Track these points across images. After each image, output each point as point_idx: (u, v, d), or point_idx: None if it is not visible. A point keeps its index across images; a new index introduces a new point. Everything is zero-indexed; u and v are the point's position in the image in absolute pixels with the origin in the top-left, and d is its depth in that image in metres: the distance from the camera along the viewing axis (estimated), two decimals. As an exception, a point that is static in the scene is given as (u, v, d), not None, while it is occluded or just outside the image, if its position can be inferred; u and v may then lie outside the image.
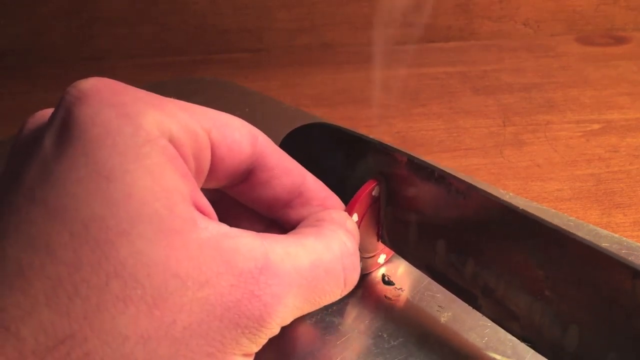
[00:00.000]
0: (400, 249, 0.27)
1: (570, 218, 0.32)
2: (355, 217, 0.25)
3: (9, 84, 0.60)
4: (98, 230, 0.15)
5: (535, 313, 0.21)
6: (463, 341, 0.24)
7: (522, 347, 0.24)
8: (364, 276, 0.28)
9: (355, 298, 0.27)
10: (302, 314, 0.20)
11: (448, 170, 0.24)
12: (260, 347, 0.18)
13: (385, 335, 0.25)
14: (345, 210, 0.25)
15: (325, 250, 0.21)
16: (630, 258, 0.29)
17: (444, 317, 0.26)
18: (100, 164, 0.16)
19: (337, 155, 0.28)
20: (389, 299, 0.27)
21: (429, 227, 0.25)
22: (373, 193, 0.26)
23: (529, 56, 0.62)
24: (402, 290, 0.27)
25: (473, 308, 0.23)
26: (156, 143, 0.17)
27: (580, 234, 0.31)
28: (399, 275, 0.28)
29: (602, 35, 0.66)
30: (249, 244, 0.18)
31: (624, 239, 0.30)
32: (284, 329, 0.19)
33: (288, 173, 0.23)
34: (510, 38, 0.67)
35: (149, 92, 0.19)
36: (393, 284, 0.28)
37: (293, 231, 0.22)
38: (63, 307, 0.15)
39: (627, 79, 0.55)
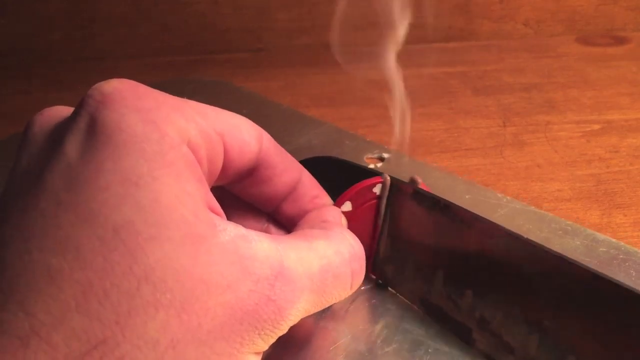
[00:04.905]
0: (394, 283, 0.27)
1: (569, 222, 0.32)
2: (348, 205, 0.25)
3: (9, 84, 0.60)
4: (128, 235, 0.16)
5: (532, 344, 0.21)
6: (457, 348, 0.24)
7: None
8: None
9: (348, 303, 0.27)
10: (307, 315, 0.20)
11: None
12: (270, 345, 0.19)
13: (378, 341, 0.24)
14: (342, 197, 0.25)
15: (335, 255, 0.21)
16: (627, 263, 0.29)
17: (438, 324, 0.25)
18: (129, 170, 0.16)
19: (342, 188, 0.28)
20: (383, 303, 0.27)
21: (428, 258, 0.25)
22: (374, 189, 0.26)
23: (529, 56, 0.62)
24: (397, 296, 0.27)
25: (466, 343, 0.24)
26: (179, 150, 0.17)
27: (578, 238, 0.31)
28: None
29: (602, 35, 0.66)
30: (266, 250, 0.18)
31: (622, 243, 0.30)
32: None
33: (288, 170, 0.24)
34: (510, 38, 0.67)
35: (168, 95, 0.19)
36: (387, 287, 0.27)
37: (300, 231, 0.23)
38: (94, 313, 0.15)
39: (627, 79, 0.55)
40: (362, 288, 0.27)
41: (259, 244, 0.18)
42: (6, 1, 0.62)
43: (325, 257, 0.21)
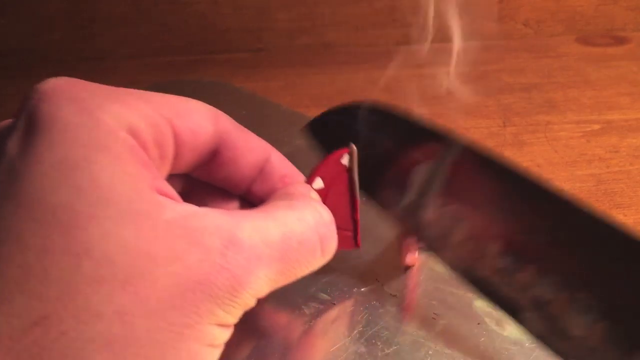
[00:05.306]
0: (438, 246, 0.25)
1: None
2: (320, 182, 0.25)
3: (9, 84, 0.60)
4: (66, 216, 0.16)
5: (595, 335, 0.19)
6: (458, 350, 0.24)
7: (518, 357, 0.24)
8: (357, 282, 0.28)
9: (348, 304, 0.27)
10: (279, 286, 0.20)
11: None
12: (237, 318, 0.19)
13: (379, 343, 0.24)
14: (311, 174, 0.25)
15: (298, 222, 0.21)
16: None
17: (439, 325, 0.25)
18: (65, 157, 0.17)
19: (385, 142, 0.26)
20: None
21: (486, 226, 0.23)
22: (342, 161, 0.25)
23: (529, 56, 0.62)
24: (397, 297, 0.27)
25: (514, 320, 0.22)
26: (116, 135, 0.18)
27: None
28: (394, 281, 0.28)
29: (602, 35, 0.66)
30: (216, 221, 0.18)
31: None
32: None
33: (252, 150, 0.24)
34: (510, 38, 0.67)
35: (108, 87, 0.19)
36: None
37: (263, 205, 0.22)
38: (34, 291, 0.15)
39: (627, 79, 0.55)
40: (363, 289, 0.27)
41: (209, 218, 0.18)
42: (6, 1, 0.62)
43: (286, 225, 0.20)
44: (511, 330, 0.25)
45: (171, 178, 0.24)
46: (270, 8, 0.64)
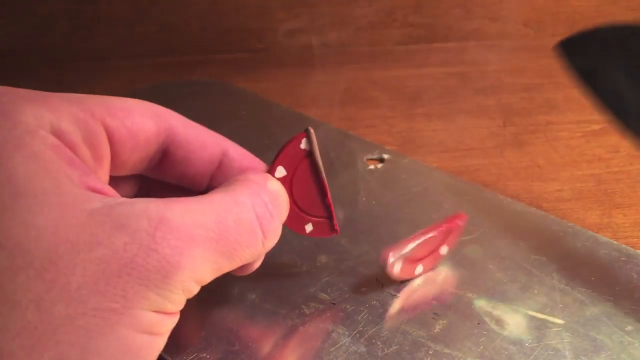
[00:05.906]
0: None
1: (569, 224, 0.32)
2: (282, 170, 0.24)
3: (9, 84, 0.60)
4: None
5: None
6: (458, 350, 0.24)
7: (518, 356, 0.24)
8: (357, 282, 0.28)
9: (347, 304, 0.27)
10: (224, 271, 0.20)
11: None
12: (178, 305, 0.18)
13: (379, 343, 0.24)
14: (272, 164, 0.25)
15: (233, 203, 0.20)
16: (628, 266, 0.29)
17: (439, 325, 0.25)
18: None
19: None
20: None
21: None
22: (302, 146, 0.25)
23: (529, 56, 0.62)
24: (397, 297, 0.27)
25: None
26: (36, 134, 0.18)
27: (580, 240, 0.31)
28: (394, 281, 0.28)
29: (602, 35, 0.66)
30: (143, 206, 0.18)
31: (623, 246, 0.30)
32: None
33: (204, 146, 0.23)
34: (510, 38, 0.67)
35: (30, 90, 0.20)
36: None
37: (204, 194, 0.22)
38: None
39: (628, 79, 0.55)
40: (363, 289, 0.27)
41: (137, 203, 0.18)
42: (6, 1, 0.62)
43: (221, 207, 0.20)
44: (511, 330, 0.25)
45: (126, 179, 0.24)
46: (270, 8, 0.64)
